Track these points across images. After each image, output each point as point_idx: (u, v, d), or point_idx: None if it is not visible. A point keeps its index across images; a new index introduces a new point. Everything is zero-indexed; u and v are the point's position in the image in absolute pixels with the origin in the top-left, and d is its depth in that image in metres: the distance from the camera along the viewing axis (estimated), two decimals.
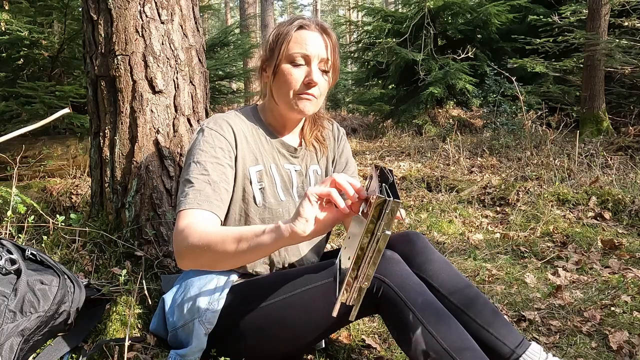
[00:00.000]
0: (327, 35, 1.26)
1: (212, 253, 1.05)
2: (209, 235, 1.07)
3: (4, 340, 1.15)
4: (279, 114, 1.33)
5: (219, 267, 1.18)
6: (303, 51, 1.23)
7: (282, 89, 1.26)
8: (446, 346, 1.07)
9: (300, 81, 1.24)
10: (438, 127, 7.24)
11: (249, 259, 1.09)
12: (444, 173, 4.08)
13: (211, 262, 1.10)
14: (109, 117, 1.83)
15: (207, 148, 1.23)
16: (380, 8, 9.15)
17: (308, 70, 1.24)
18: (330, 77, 1.29)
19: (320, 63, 1.25)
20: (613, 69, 5.54)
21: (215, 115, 1.34)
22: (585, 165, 3.94)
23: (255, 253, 1.02)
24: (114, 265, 1.77)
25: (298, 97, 1.25)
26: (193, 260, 1.12)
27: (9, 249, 1.29)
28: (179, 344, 1.30)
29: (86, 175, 3.24)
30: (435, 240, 2.58)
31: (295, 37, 1.23)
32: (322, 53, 1.24)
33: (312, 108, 1.28)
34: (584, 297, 1.85)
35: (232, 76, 6.72)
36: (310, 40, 1.23)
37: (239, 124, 1.31)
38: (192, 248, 1.07)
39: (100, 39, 1.79)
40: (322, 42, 1.25)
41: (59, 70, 4.46)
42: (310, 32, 1.24)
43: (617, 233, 2.61)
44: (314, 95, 1.25)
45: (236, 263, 1.09)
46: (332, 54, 1.26)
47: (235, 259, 1.05)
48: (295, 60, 1.23)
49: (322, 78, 1.26)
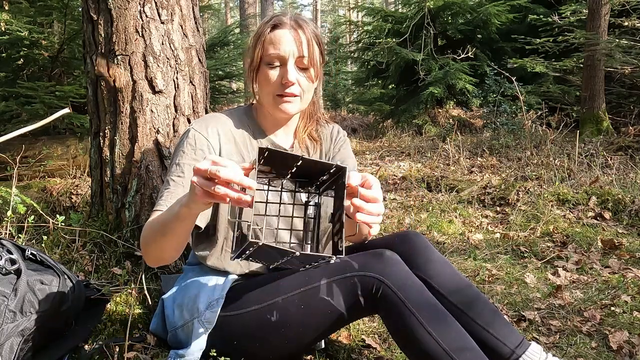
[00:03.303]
0: (301, 30, 1.24)
1: (152, 240, 1.10)
2: (146, 225, 1.13)
3: (4, 340, 1.15)
4: (267, 112, 1.33)
5: (165, 253, 1.14)
6: (277, 52, 1.22)
7: (263, 91, 1.27)
8: (445, 346, 1.07)
9: (277, 82, 1.24)
10: (438, 127, 7.24)
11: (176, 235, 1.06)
12: (444, 173, 4.08)
13: (155, 249, 1.12)
14: (109, 117, 1.83)
15: (188, 150, 1.24)
16: (380, 8, 9.15)
17: (284, 70, 1.23)
18: (312, 73, 1.27)
19: (296, 61, 1.23)
20: (613, 69, 5.54)
21: (205, 116, 1.35)
22: (585, 165, 3.94)
23: (175, 223, 1.02)
24: (114, 265, 1.77)
25: (278, 98, 1.25)
26: (145, 251, 1.15)
27: (9, 249, 1.29)
28: (179, 344, 1.30)
29: (86, 175, 3.23)
30: (435, 240, 2.58)
31: (269, 38, 1.23)
32: (296, 51, 1.23)
33: (294, 107, 1.27)
34: (584, 297, 1.85)
35: (232, 76, 6.71)
36: (284, 39, 1.22)
37: (227, 124, 1.31)
38: (142, 241, 1.14)
39: (100, 39, 1.79)
40: (296, 40, 1.23)
41: (59, 70, 4.46)
42: (283, 30, 1.23)
43: (617, 233, 2.61)
44: (294, 94, 1.25)
45: (171, 244, 1.09)
46: (309, 49, 1.24)
47: (166, 238, 1.06)
48: (272, 62, 1.23)
49: (299, 75, 1.24)
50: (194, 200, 0.91)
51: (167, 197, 1.17)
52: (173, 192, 1.18)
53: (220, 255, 1.32)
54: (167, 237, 1.06)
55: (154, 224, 1.11)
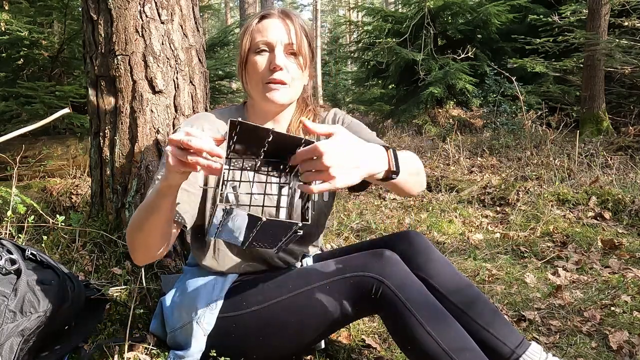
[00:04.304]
0: (289, 19, 1.25)
1: (138, 227, 1.08)
2: (131, 219, 1.12)
3: (4, 340, 1.15)
4: (258, 107, 1.32)
5: (151, 239, 1.12)
6: (265, 39, 1.22)
7: (252, 80, 1.26)
8: (445, 346, 1.07)
9: (264, 67, 1.23)
10: (438, 127, 7.24)
11: (159, 215, 1.05)
12: (444, 173, 4.08)
13: (141, 237, 1.10)
14: (109, 117, 1.83)
15: None
16: (380, 8, 9.15)
17: (272, 56, 1.22)
18: (301, 61, 1.26)
19: (285, 48, 1.23)
20: (613, 69, 5.54)
21: (194, 115, 1.34)
22: (585, 165, 3.94)
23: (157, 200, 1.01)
24: (114, 265, 1.77)
25: (266, 86, 1.24)
26: (131, 246, 1.13)
27: (9, 249, 1.29)
28: (178, 345, 1.30)
29: (86, 175, 3.23)
30: (435, 240, 2.58)
31: (257, 27, 1.24)
32: (284, 38, 1.22)
33: (283, 96, 1.25)
34: (584, 297, 1.85)
35: (232, 76, 6.70)
36: (272, 27, 1.23)
37: (216, 123, 1.30)
38: (128, 236, 1.12)
39: (100, 39, 1.79)
40: (284, 27, 1.23)
41: (59, 70, 4.46)
42: (271, 19, 1.24)
43: (617, 233, 2.61)
44: (282, 81, 1.23)
45: (156, 226, 1.07)
46: (297, 37, 1.24)
47: (150, 220, 1.05)
48: (259, 47, 1.23)
49: (288, 61, 1.23)
50: (169, 170, 0.93)
51: None
52: None
53: (214, 255, 1.31)
54: (151, 219, 1.05)
55: (138, 211, 1.10)
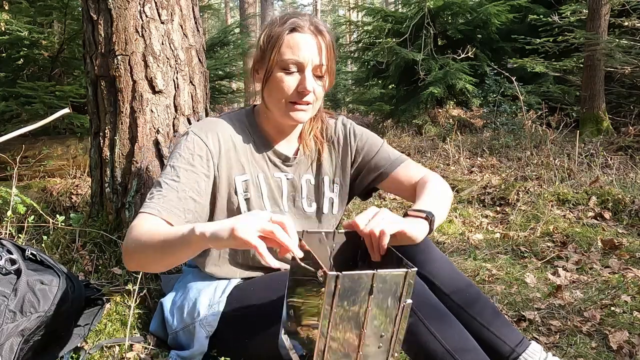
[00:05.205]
0: (321, 37, 1.18)
1: (142, 251, 1.04)
2: (138, 233, 1.05)
3: (4, 340, 1.15)
4: (273, 119, 1.27)
5: (152, 267, 1.14)
6: (295, 58, 1.16)
7: (274, 96, 1.21)
8: (448, 347, 1.07)
9: (293, 89, 1.18)
10: (438, 127, 7.23)
11: (174, 257, 1.03)
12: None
13: (144, 260, 1.08)
14: (109, 117, 1.83)
15: (186, 154, 1.19)
16: (380, 8, 9.15)
17: (301, 77, 1.17)
18: (325, 81, 1.23)
19: (314, 69, 1.19)
20: (613, 69, 5.54)
21: (205, 119, 1.29)
22: (585, 165, 3.94)
23: (181, 247, 0.98)
24: (114, 265, 1.77)
25: (291, 106, 1.19)
26: (129, 257, 1.09)
27: (9, 249, 1.29)
28: (180, 345, 1.30)
29: (86, 175, 3.23)
30: (435, 240, 2.58)
31: (287, 41, 1.16)
32: (315, 59, 1.17)
33: (306, 116, 1.23)
34: (584, 297, 1.85)
35: (232, 76, 6.72)
36: (303, 45, 1.16)
37: (228, 131, 1.26)
38: (129, 247, 1.07)
39: (100, 39, 1.79)
40: (316, 46, 1.17)
41: (59, 70, 4.46)
42: (303, 35, 1.17)
43: (617, 233, 2.61)
44: (309, 102, 1.20)
45: (165, 263, 1.05)
46: (327, 57, 1.19)
47: (164, 256, 1.02)
48: (288, 67, 1.17)
49: (316, 84, 1.20)
50: (233, 237, 0.88)
51: (159, 201, 1.12)
52: (165, 197, 1.12)
53: (218, 262, 1.31)
54: (165, 255, 1.01)
55: (152, 237, 1.03)
